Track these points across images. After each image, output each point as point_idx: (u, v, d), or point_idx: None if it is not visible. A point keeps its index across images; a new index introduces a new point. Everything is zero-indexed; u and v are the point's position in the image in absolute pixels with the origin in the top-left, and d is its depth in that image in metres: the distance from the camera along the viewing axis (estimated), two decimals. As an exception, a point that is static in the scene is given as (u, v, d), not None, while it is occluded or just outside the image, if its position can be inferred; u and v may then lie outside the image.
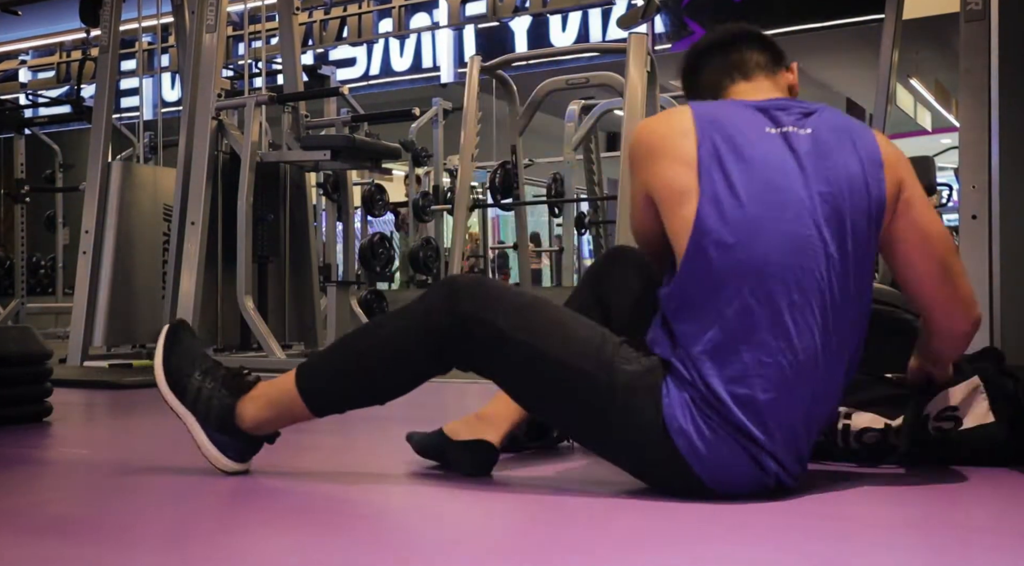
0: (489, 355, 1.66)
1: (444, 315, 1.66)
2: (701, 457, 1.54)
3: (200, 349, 1.86)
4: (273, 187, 5.13)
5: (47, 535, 1.43)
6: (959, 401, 1.85)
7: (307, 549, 1.34)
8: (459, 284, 1.70)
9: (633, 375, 1.58)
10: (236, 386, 1.79)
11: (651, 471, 1.62)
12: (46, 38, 11.79)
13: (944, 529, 1.45)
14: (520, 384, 1.69)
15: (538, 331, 1.63)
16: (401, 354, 1.71)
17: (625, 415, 1.57)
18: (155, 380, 1.83)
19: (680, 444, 1.54)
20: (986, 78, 3.33)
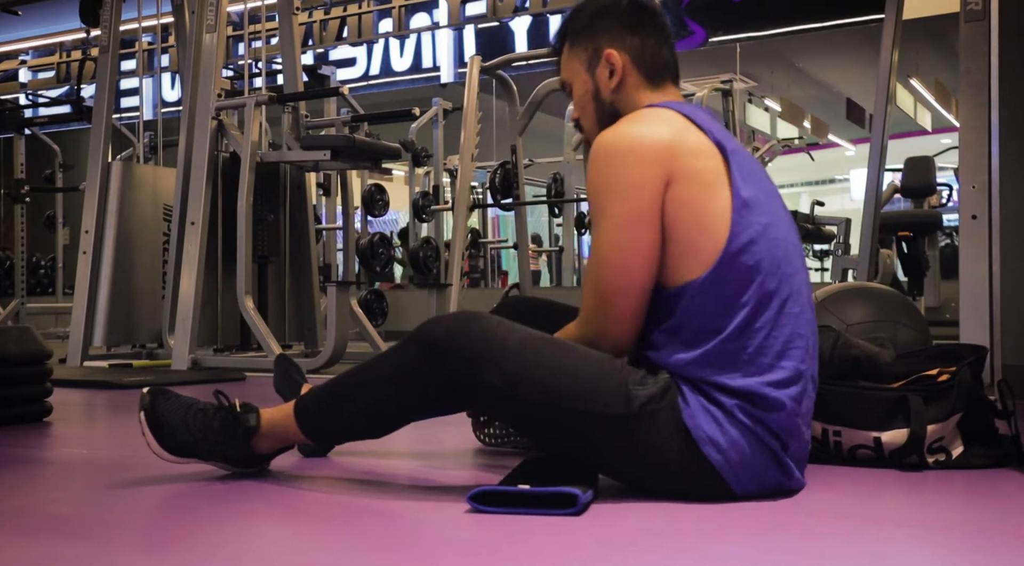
0: (491, 407, 1.65)
1: (429, 382, 1.60)
2: (732, 463, 1.54)
3: (183, 407, 1.78)
4: (273, 187, 5.13)
5: (47, 535, 1.43)
6: (946, 433, 1.86)
7: (307, 549, 1.34)
8: (435, 342, 1.59)
9: (650, 398, 1.56)
10: (240, 433, 1.77)
11: (679, 486, 1.58)
12: (46, 38, 11.78)
13: (945, 529, 1.45)
14: (530, 429, 1.67)
15: (543, 381, 1.55)
16: (400, 413, 1.70)
17: (649, 438, 1.55)
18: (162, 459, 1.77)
19: (709, 452, 1.54)
20: (986, 78, 3.34)
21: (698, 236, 1.57)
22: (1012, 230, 3.45)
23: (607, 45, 1.72)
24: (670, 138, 1.59)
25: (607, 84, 1.73)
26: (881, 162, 4.26)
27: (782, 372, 1.57)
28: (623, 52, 1.72)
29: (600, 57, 1.73)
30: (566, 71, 1.80)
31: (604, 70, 1.73)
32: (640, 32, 1.73)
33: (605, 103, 1.74)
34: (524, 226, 5.94)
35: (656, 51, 1.73)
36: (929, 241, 7.04)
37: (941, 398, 1.85)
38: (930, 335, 2.56)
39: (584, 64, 1.76)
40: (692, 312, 1.57)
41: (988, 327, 3.24)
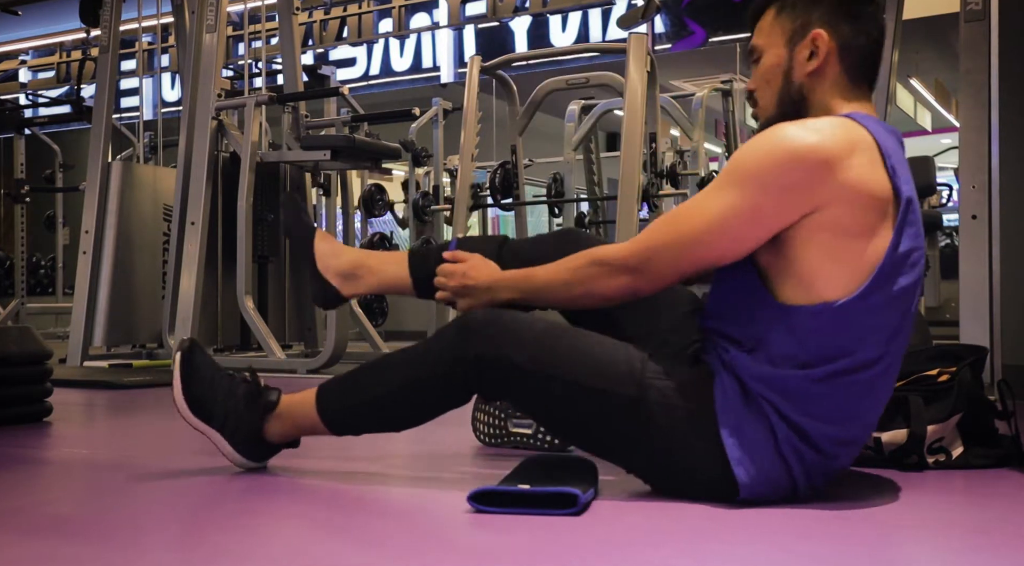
0: (510, 390, 1.65)
1: (457, 360, 1.63)
2: (754, 480, 1.52)
3: (215, 368, 1.86)
4: (273, 187, 5.13)
5: (47, 535, 1.43)
6: (946, 433, 1.86)
7: (308, 549, 1.34)
8: (470, 324, 1.63)
9: (667, 389, 1.54)
10: (260, 405, 1.80)
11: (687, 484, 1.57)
12: (46, 38, 11.77)
13: (944, 529, 1.45)
14: (550, 416, 1.67)
15: (560, 362, 1.58)
16: (418, 399, 1.71)
17: (664, 430, 1.54)
18: (177, 407, 1.83)
19: (739, 474, 1.51)
20: (986, 78, 3.34)
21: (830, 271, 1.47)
22: (1012, 230, 3.45)
23: (819, 24, 1.57)
24: (847, 164, 1.45)
25: (804, 65, 1.58)
26: (881, 162, 4.25)
27: (845, 433, 1.54)
28: (832, 38, 1.56)
29: (806, 34, 1.57)
30: (761, 37, 1.64)
31: (805, 49, 1.57)
32: (857, 23, 1.58)
33: (793, 84, 1.59)
34: (524, 226, 5.94)
35: (865, 49, 1.58)
36: (929, 241, 7.04)
37: (941, 398, 1.85)
38: (930, 335, 2.55)
39: (785, 35, 1.60)
40: (790, 334, 1.50)
41: (988, 327, 3.24)
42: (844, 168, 1.45)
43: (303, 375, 4.33)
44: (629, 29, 5.50)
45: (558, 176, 7.90)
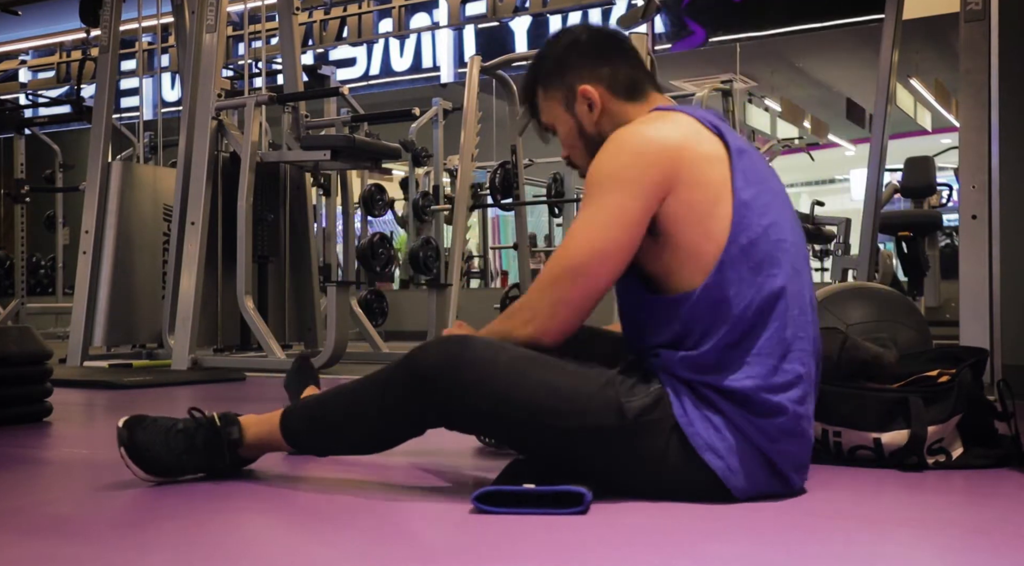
0: (484, 428, 1.68)
1: (421, 407, 1.60)
2: (732, 469, 1.53)
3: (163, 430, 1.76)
4: (273, 187, 5.13)
5: (47, 535, 1.43)
6: (946, 434, 1.86)
7: (308, 549, 1.34)
8: (424, 371, 1.58)
9: (643, 409, 1.55)
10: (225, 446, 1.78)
11: (677, 493, 1.57)
12: (46, 38, 11.79)
13: (944, 529, 1.45)
14: (526, 447, 1.67)
15: (531, 399, 1.54)
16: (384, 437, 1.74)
17: (644, 448, 1.55)
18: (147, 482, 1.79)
19: (709, 459, 1.53)
20: (986, 78, 3.34)
21: (703, 242, 1.55)
22: (1012, 230, 3.46)
23: (579, 82, 1.72)
24: (680, 143, 1.58)
25: (589, 118, 1.72)
26: (881, 162, 4.26)
27: (784, 375, 1.56)
28: (597, 84, 1.71)
29: (575, 94, 1.72)
30: (546, 116, 1.79)
31: (583, 105, 1.72)
32: (608, 60, 1.73)
33: (591, 135, 1.73)
34: (524, 226, 5.94)
35: (628, 73, 1.73)
36: (929, 241, 7.04)
37: (941, 399, 1.85)
38: (930, 335, 2.56)
39: (562, 104, 1.75)
40: (694, 318, 1.55)
41: (988, 327, 3.24)
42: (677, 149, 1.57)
43: (303, 375, 4.32)
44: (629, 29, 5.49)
45: (558, 176, 7.90)
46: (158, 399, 3.29)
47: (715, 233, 1.55)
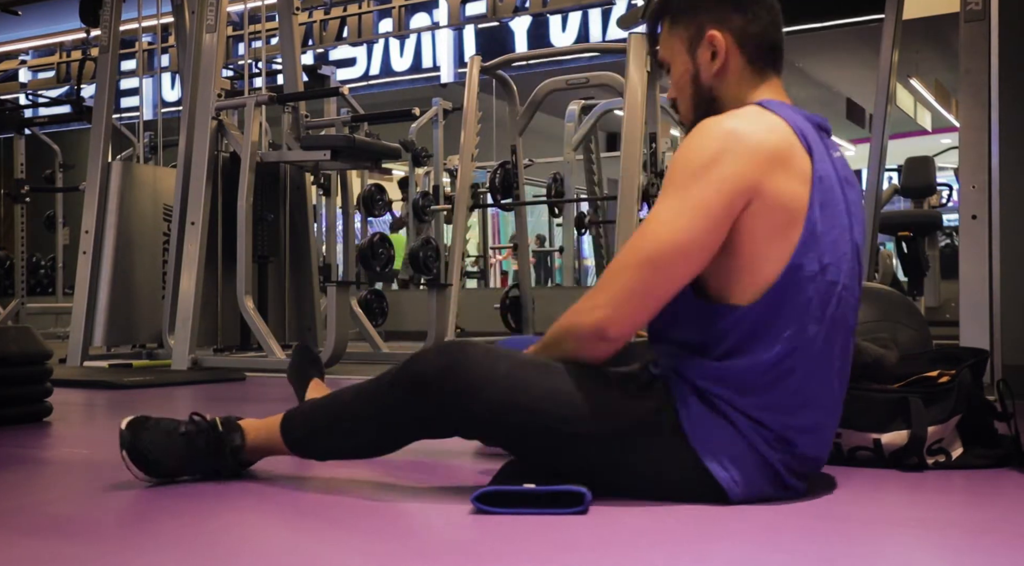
0: (485, 434, 1.65)
1: (420, 414, 1.58)
2: (736, 480, 1.53)
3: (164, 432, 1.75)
4: (273, 187, 5.13)
5: (47, 535, 1.43)
6: (946, 434, 1.86)
7: (308, 549, 1.34)
8: (423, 378, 1.55)
9: (646, 413, 1.54)
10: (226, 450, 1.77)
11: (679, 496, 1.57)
12: (46, 38, 11.78)
13: (944, 529, 1.45)
14: (525, 453, 1.65)
15: (530, 404, 1.53)
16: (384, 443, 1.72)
17: (644, 451, 1.54)
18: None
19: (713, 468, 1.52)
20: (986, 78, 3.34)
21: (763, 262, 1.50)
22: (1012, 230, 3.46)
23: (710, 25, 1.61)
24: (774, 151, 1.51)
25: (708, 67, 1.62)
26: (881, 162, 4.26)
27: (803, 420, 1.54)
28: (727, 32, 1.61)
29: (703, 37, 1.62)
30: (665, 51, 1.69)
31: (706, 52, 1.62)
32: (746, 10, 1.61)
33: (704, 87, 1.64)
34: (524, 226, 5.94)
35: (762, 33, 1.62)
36: (929, 241, 7.04)
37: (941, 400, 1.85)
38: (930, 335, 2.56)
39: (685, 44, 1.64)
40: (729, 333, 1.52)
41: (988, 327, 3.24)
42: (770, 157, 1.50)
43: (303, 375, 4.32)
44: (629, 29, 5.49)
45: (558, 176, 7.90)
46: (158, 399, 3.29)
47: (777, 257, 1.50)
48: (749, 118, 1.55)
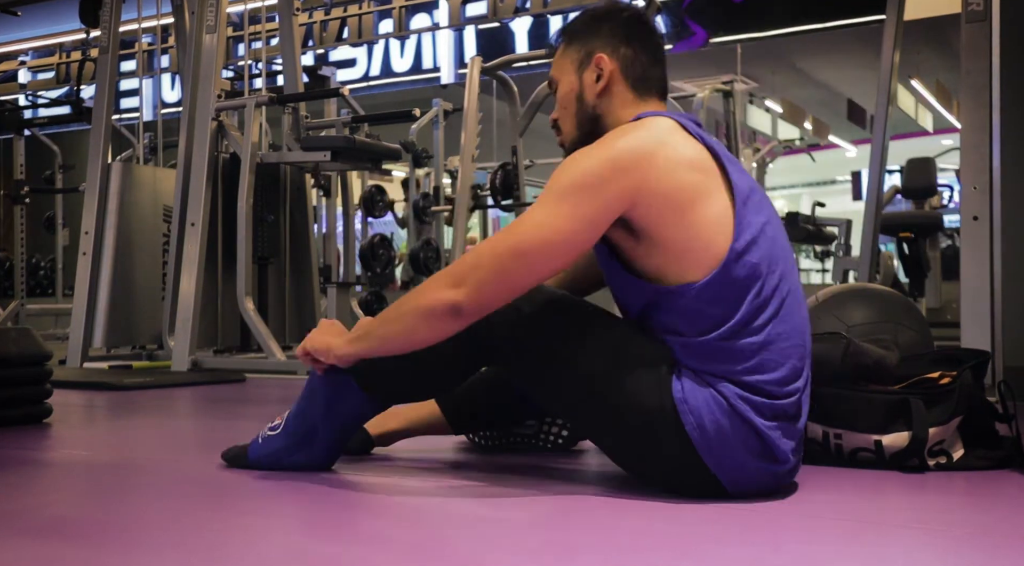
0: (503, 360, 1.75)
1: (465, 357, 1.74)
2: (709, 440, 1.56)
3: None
4: (273, 188, 5.13)
5: (47, 536, 1.43)
6: (947, 436, 1.86)
7: (307, 550, 1.34)
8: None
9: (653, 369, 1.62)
10: None
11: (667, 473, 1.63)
12: (46, 39, 11.79)
13: (945, 530, 1.44)
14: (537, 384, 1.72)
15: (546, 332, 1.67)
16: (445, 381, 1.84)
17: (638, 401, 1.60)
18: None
19: (687, 420, 1.57)
20: (987, 79, 3.34)
21: (694, 242, 1.58)
22: (1013, 231, 3.45)
23: (599, 49, 1.75)
24: (653, 149, 1.59)
25: (592, 88, 1.74)
26: (882, 163, 4.26)
27: (782, 370, 1.59)
28: (613, 59, 1.74)
29: (591, 60, 1.75)
30: (556, 69, 1.82)
31: (592, 73, 1.74)
32: (634, 44, 1.75)
33: (587, 106, 1.76)
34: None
35: (646, 66, 1.75)
36: (930, 242, 7.04)
37: (942, 401, 1.85)
38: (931, 336, 2.55)
39: (574, 64, 1.77)
40: (693, 309, 1.59)
41: (989, 328, 3.24)
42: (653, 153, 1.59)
43: (303, 376, 4.33)
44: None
45: (558, 177, 7.86)
46: (158, 400, 3.29)
47: (711, 233, 1.58)
48: (630, 130, 1.64)
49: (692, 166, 1.60)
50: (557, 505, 1.61)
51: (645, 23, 1.79)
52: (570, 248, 1.59)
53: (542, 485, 1.78)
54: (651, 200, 1.57)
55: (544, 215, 1.59)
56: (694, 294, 1.58)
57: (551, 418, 2.13)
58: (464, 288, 1.58)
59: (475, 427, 2.16)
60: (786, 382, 1.60)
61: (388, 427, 2.10)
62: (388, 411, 2.10)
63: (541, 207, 1.60)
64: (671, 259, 1.60)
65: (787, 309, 1.62)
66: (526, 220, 1.60)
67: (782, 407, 1.59)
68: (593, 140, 1.67)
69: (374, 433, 2.08)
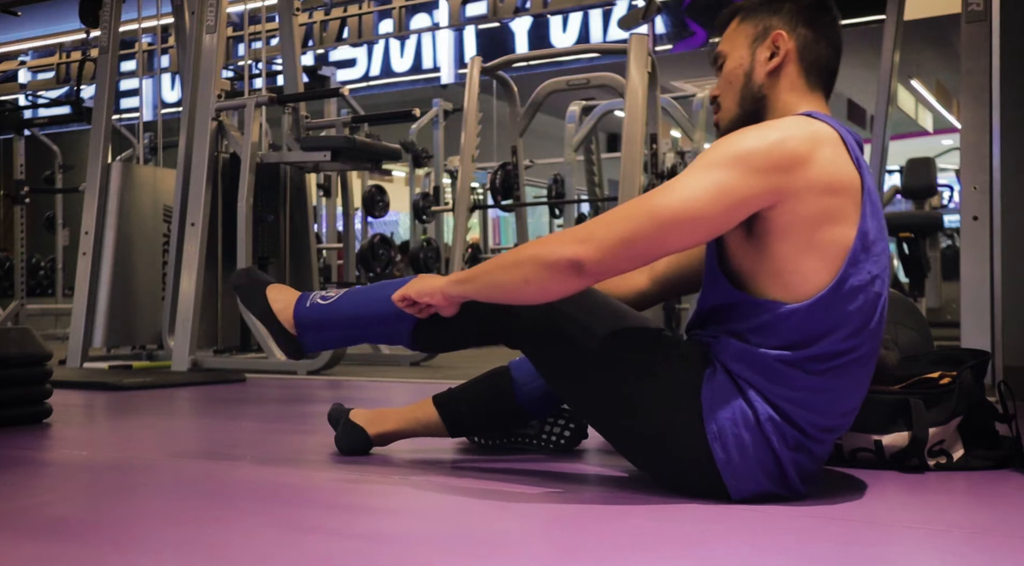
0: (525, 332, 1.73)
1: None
2: (731, 459, 1.54)
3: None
4: (273, 188, 5.13)
5: (47, 536, 1.43)
6: (947, 436, 1.86)
7: (307, 550, 1.34)
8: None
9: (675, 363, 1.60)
10: None
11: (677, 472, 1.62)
12: (46, 39, 11.79)
13: (945, 530, 1.44)
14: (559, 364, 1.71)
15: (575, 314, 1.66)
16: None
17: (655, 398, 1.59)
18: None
19: (710, 429, 1.55)
20: (987, 79, 3.33)
21: (802, 266, 1.51)
22: (1013, 231, 3.45)
23: (779, 26, 1.65)
24: (817, 157, 1.50)
25: (764, 65, 1.64)
26: (882, 163, 4.26)
27: (825, 417, 1.56)
28: (792, 38, 1.64)
29: (767, 36, 1.65)
30: (726, 43, 1.71)
31: (766, 50, 1.65)
32: (816, 28, 1.66)
33: (754, 84, 1.65)
34: (524, 227, 5.94)
35: (823, 53, 1.66)
36: (930, 242, 7.04)
37: (942, 401, 1.85)
38: (931, 336, 2.55)
39: (748, 39, 1.67)
40: (770, 325, 1.54)
41: (989, 328, 3.24)
42: (813, 161, 1.50)
43: (303, 376, 4.33)
44: (630, 30, 5.49)
45: (559, 177, 7.89)
46: (158, 401, 3.28)
47: (817, 261, 1.50)
48: (798, 126, 1.54)
49: (839, 189, 1.51)
50: (557, 505, 1.61)
51: (829, 9, 1.69)
52: (707, 226, 1.50)
53: (542, 485, 1.78)
54: (792, 208, 1.49)
55: (692, 188, 1.50)
56: (778, 314, 1.52)
57: (552, 418, 2.13)
58: (590, 244, 1.50)
59: (473, 433, 2.16)
60: (822, 428, 1.56)
61: (386, 428, 2.09)
62: (386, 412, 2.11)
63: (688, 177, 1.51)
64: (771, 272, 1.53)
65: (854, 373, 1.56)
66: (668, 188, 1.51)
67: (808, 446, 1.56)
68: (752, 122, 1.60)
69: (372, 433, 2.08)
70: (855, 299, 1.52)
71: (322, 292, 1.94)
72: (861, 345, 1.55)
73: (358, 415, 2.12)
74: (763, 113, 1.64)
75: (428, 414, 2.07)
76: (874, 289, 1.54)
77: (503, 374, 2.03)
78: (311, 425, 2.64)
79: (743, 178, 1.48)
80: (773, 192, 1.48)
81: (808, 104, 1.65)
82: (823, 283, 1.50)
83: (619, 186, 4.28)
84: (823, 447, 1.59)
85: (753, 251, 1.54)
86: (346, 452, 2.08)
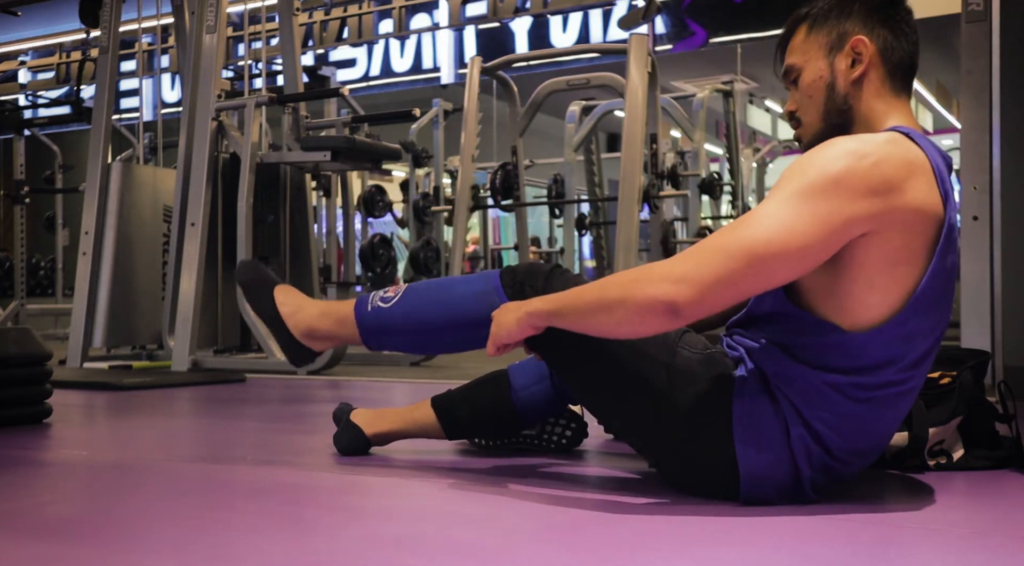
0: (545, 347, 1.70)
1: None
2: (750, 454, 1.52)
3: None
4: (273, 188, 5.13)
5: (47, 536, 1.43)
6: (947, 436, 1.86)
7: (308, 550, 1.34)
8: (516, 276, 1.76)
9: (693, 361, 1.57)
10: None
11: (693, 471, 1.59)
12: (46, 39, 11.78)
13: (945, 530, 1.44)
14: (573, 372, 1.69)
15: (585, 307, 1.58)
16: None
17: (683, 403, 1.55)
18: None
19: (739, 452, 1.52)
20: (987, 79, 3.33)
21: (866, 299, 1.45)
22: (1013, 231, 3.45)
23: (856, 31, 1.54)
24: (910, 186, 1.42)
25: (847, 74, 1.54)
26: (882, 163, 4.25)
27: (862, 445, 1.55)
28: (873, 42, 1.54)
29: (845, 43, 1.55)
30: (795, 55, 1.60)
31: (846, 59, 1.54)
32: (893, 26, 1.55)
33: (839, 96, 1.55)
34: (524, 227, 5.94)
35: (905, 51, 1.56)
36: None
37: (942, 401, 1.85)
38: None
39: (824, 49, 1.56)
40: (819, 346, 1.49)
41: (989, 329, 3.24)
42: (905, 189, 1.42)
43: (303, 376, 4.33)
44: (630, 30, 5.50)
45: (559, 177, 7.89)
46: (158, 401, 3.28)
47: (882, 296, 1.44)
48: (893, 147, 1.44)
49: (922, 226, 1.43)
50: (557, 505, 1.61)
51: (902, 2, 1.58)
52: (808, 257, 1.40)
53: (543, 485, 1.78)
54: (881, 237, 1.42)
55: (789, 217, 1.39)
56: (835, 339, 1.47)
57: (553, 418, 2.13)
58: (686, 286, 1.40)
59: (470, 437, 2.16)
60: (850, 451, 1.54)
61: (383, 428, 2.09)
62: (385, 412, 2.11)
63: (787, 205, 1.40)
64: (836, 295, 1.46)
65: (898, 404, 1.53)
66: (763, 217, 1.40)
67: (832, 466, 1.54)
68: (838, 134, 1.51)
69: (369, 433, 2.08)
70: (912, 345, 1.48)
71: (382, 293, 1.88)
72: (911, 379, 1.51)
73: (358, 415, 2.11)
74: (849, 125, 1.56)
75: (426, 416, 2.06)
76: (934, 335, 1.50)
77: (501, 380, 2.02)
78: (311, 425, 2.64)
79: (844, 204, 1.39)
80: (870, 218, 1.40)
81: (896, 112, 1.56)
82: (884, 317, 1.45)
83: (619, 186, 4.29)
84: (848, 469, 1.57)
85: (821, 272, 1.46)
86: (343, 451, 2.08)
